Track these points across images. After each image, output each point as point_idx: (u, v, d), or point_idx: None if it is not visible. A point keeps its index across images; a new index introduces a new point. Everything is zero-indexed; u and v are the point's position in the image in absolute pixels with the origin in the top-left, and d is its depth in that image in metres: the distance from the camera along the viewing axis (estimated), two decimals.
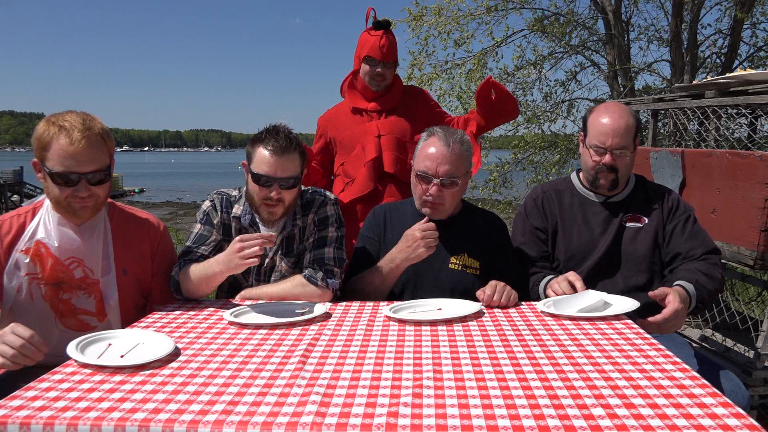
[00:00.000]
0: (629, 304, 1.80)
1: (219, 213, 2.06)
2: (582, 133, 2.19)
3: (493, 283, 1.93)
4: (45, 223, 1.82)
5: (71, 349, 1.44)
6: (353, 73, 2.82)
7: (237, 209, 2.06)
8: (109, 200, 1.96)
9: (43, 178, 1.74)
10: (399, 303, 1.89)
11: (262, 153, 1.91)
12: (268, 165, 1.90)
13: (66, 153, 1.67)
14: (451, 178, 2.01)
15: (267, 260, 2.07)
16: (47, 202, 1.84)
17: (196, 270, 1.92)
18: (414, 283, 2.11)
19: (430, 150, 2.03)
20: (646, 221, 2.12)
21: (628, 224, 2.13)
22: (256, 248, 1.77)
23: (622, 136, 2.03)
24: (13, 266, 1.79)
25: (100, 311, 1.85)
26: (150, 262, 1.98)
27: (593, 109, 2.17)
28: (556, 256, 2.21)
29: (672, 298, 1.81)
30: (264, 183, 1.91)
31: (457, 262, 2.10)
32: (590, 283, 2.06)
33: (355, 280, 2.11)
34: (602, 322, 1.73)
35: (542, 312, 1.82)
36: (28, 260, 1.79)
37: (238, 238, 1.82)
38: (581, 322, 1.73)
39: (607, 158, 2.06)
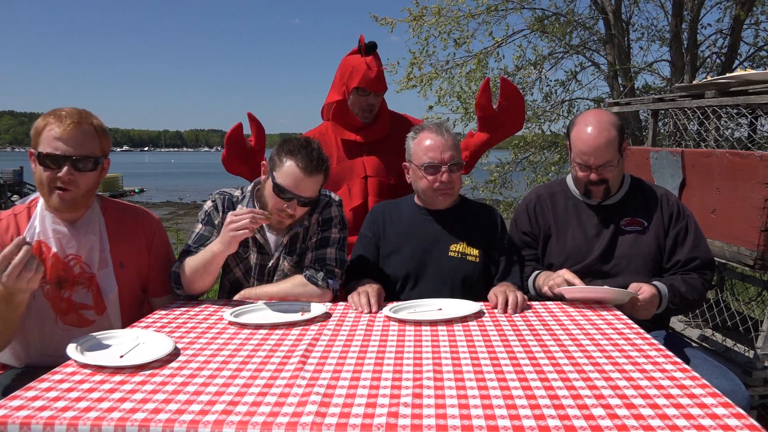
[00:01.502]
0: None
1: (220, 214, 2.06)
2: (569, 143, 2.17)
3: (503, 289, 1.93)
4: (42, 222, 1.82)
5: (71, 349, 1.44)
6: (338, 102, 2.64)
7: (240, 210, 2.06)
8: (101, 196, 1.97)
9: (35, 167, 1.75)
10: (399, 303, 1.90)
11: (292, 166, 1.88)
12: (294, 181, 1.88)
13: (55, 135, 1.70)
14: (456, 162, 2.09)
15: (272, 261, 2.07)
16: (41, 201, 1.84)
17: (195, 258, 1.93)
18: (416, 272, 2.14)
19: (427, 142, 2.10)
20: (646, 224, 2.11)
21: (627, 228, 2.11)
22: (246, 221, 1.79)
23: (603, 154, 2.01)
24: None
25: (98, 304, 1.85)
26: (146, 254, 1.98)
27: (574, 121, 2.13)
28: (548, 259, 2.21)
29: (646, 287, 1.89)
30: (284, 196, 1.90)
31: (457, 249, 2.15)
32: (585, 284, 2.07)
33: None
34: (602, 322, 1.73)
35: (563, 290, 1.90)
36: None
37: (230, 213, 1.84)
38: (581, 322, 1.73)
39: (592, 176, 2.06)
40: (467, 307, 1.83)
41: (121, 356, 1.43)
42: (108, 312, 1.87)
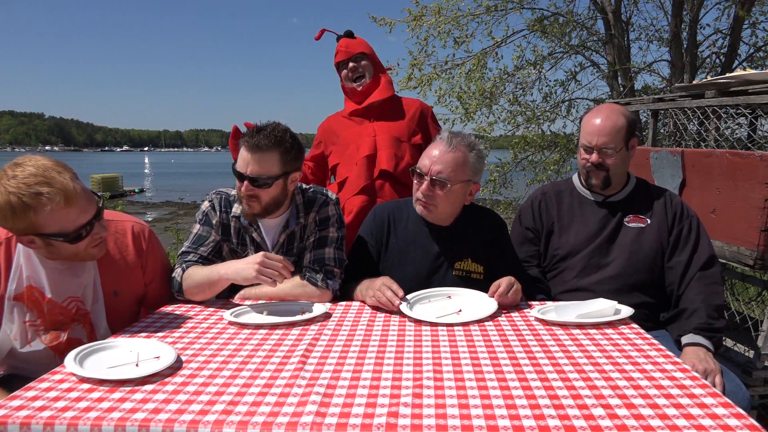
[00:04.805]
0: (624, 310, 1.79)
1: (218, 213, 2.06)
2: (579, 136, 2.24)
3: (506, 280, 1.89)
4: (30, 263, 1.68)
5: (69, 362, 1.37)
6: (342, 89, 2.93)
7: (237, 208, 2.06)
8: None
9: (40, 247, 1.60)
10: (414, 294, 1.89)
11: (242, 150, 1.92)
12: (242, 161, 1.91)
13: (68, 212, 1.55)
14: (442, 179, 1.97)
15: None
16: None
17: (199, 273, 1.91)
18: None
19: (431, 150, 2.03)
20: (649, 222, 2.14)
21: (630, 224, 2.15)
22: (276, 272, 1.78)
23: (608, 135, 2.07)
24: (8, 315, 1.67)
25: (92, 340, 1.73)
26: (141, 273, 1.89)
27: (588, 110, 2.23)
28: (551, 254, 2.24)
29: (699, 366, 1.72)
30: (238, 178, 1.94)
31: (461, 267, 2.09)
32: (583, 276, 2.12)
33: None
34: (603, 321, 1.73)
35: (536, 319, 1.78)
36: (24, 308, 1.68)
37: (262, 253, 1.83)
38: (582, 322, 1.73)
39: (593, 157, 2.11)
40: (485, 308, 1.81)
41: (137, 365, 1.38)
42: None
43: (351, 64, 2.81)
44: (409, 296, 1.85)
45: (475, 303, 1.84)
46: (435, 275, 2.08)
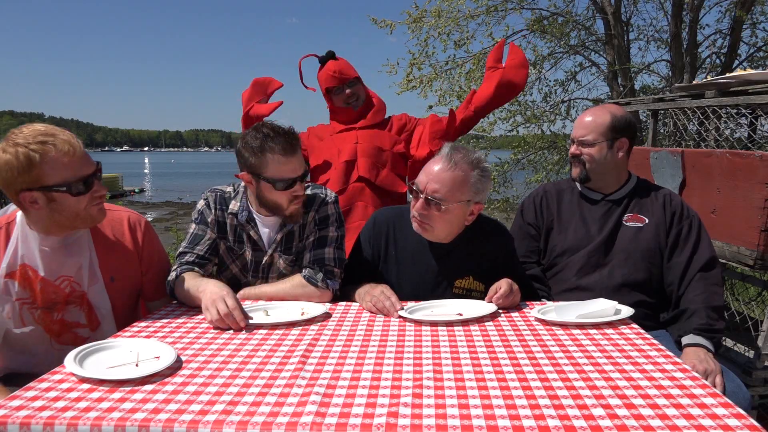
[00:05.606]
0: (625, 311, 1.79)
1: (213, 211, 2.05)
2: None
3: (505, 282, 1.88)
4: (26, 243, 1.72)
5: (69, 362, 1.37)
6: (330, 108, 2.93)
7: (234, 205, 2.05)
8: None
9: (43, 206, 1.62)
10: (416, 303, 1.87)
11: (277, 158, 1.89)
12: (284, 167, 1.90)
13: (71, 161, 1.61)
14: (437, 199, 1.88)
15: (266, 258, 2.06)
16: (20, 219, 1.72)
17: (186, 285, 1.87)
18: None
19: (431, 165, 1.93)
20: (647, 221, 2.15)
21: (628, 223, 2.16)
22: (221, 321, 1.67)
23: (586, 128, 2.16)
24: (2, 294, 1.70)
25: (92, 321, 1.78)
26: (138, 263, 1.90)
27: None
28: (549, 251, 2.26)
29: (699, 365, 1.74)
30: (289, 184, 1.93)
31: (461, 285, 2.03)
32: (582, 275, 2.13)
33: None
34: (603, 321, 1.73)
35: (536, 319, 1.77)
36: (17, 286, 1.71)
37: (225, 295, 1.72)
38: (582, 322, 1.73)
39: (573, 148, 2.21)
40: (486, 311, 1.80)
41: (136, 365, 1.38)
42: (102, 327, 1.80)
43: (348, 91, 2.82)
44: (407, 306, 1.83)
45: (475, 308, 1.83)
46: (433, 293, 1.99)
